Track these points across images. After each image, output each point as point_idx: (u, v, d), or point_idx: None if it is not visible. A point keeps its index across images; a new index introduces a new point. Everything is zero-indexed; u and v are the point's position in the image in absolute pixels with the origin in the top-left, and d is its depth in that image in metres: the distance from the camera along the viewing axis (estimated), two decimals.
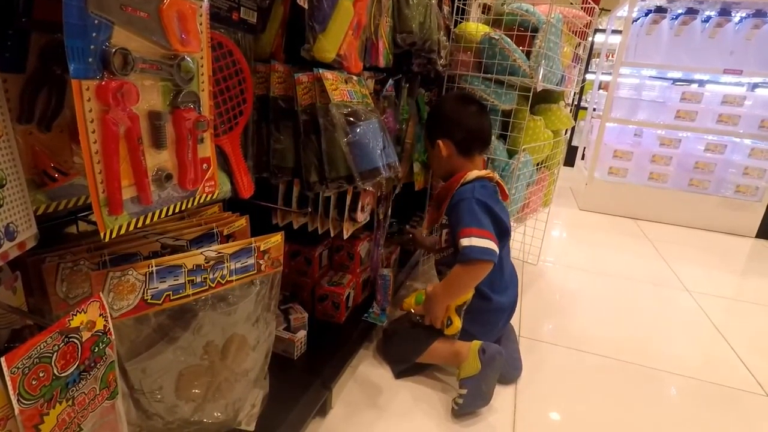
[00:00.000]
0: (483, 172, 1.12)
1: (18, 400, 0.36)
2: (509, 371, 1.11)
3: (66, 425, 0.41)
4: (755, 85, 2.82)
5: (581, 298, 1.65)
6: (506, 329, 1.21)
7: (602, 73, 3.42)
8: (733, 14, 2.59)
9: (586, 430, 1.00)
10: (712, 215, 2.69)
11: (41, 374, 0.38)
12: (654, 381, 1.19)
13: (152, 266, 0.53)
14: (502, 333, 1.18)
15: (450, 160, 1.15)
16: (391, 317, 1.24)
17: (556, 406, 1.06)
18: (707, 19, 2.63)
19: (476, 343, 1.01)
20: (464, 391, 0.97)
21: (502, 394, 1.05)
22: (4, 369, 0.34)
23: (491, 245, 0.99)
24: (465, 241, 0.99)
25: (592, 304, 1.61)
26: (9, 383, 0.35)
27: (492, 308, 1.10)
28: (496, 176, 1.14)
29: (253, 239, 0.65)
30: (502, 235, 1.07)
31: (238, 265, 0.63)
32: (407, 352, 1.09)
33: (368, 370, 1.10)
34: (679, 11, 2.66)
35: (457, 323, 1.05)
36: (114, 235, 0.42)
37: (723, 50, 2.59)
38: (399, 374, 1.09)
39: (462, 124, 1.14)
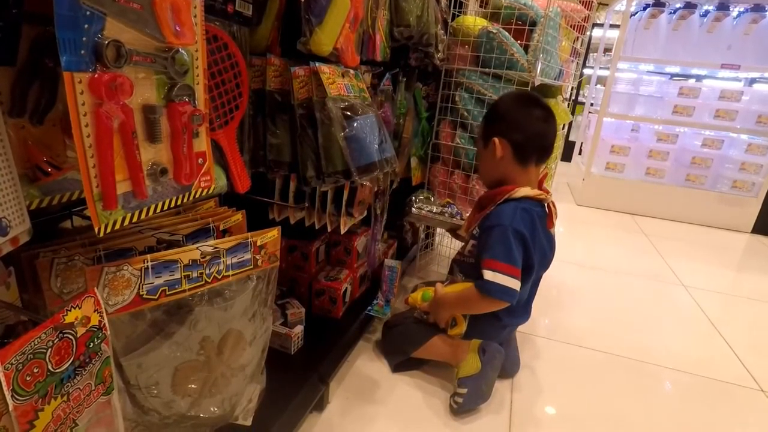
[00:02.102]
0: (533, 192, 1.00)
1: (12, 396, 0.36)
2: (509, 367, 1.11)
3: (61, 421, 0.41)
4: (753, 80, 2.83)
5: (577, 294, 1.66)
6: None
7: (600, 68, 3.41)
8: (731, 9, 2.59)
9: (582, 424, 1.00)
10: (708, 211, 2.70)
11: (35, 370, 0.37)
12: (649, 376, 1.19)
13: (148, 261, 0.53)
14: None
15: (502, 164, 1.03)
16: (394, 311, 1.25)
17: (552, 401, 1.06)
18: (705, 14, 2.63)
19: (476, 342, 1.01)
20: (464, 390, 0.97)
21: (498, 389, 1.06)
22: None
23: (514, 285, 0.93)
24: (488, 275, 0.93)
25: (588, 300, 1.62)
26: (3, 379, 0.35)
27: (501, 325, 1.07)
28: (550, 197, 1.03)
29: (249, 234, 0.64)
30: (529, 269, 0.99)
31: (235, 260, 0.63)
32: (405, 344, 1.09)
33: (365, 365, 1.11)
34: (678, 5, 2.66)
35: (462, 325, 1.05)
36: (109, 230, 0.41)
37: (721, 45, 2.59)
38: (396, 368, 1.09)
39: (524, 126, 1.01)
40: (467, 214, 1.26)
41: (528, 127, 1.01)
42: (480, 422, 0.97)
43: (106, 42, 0.37)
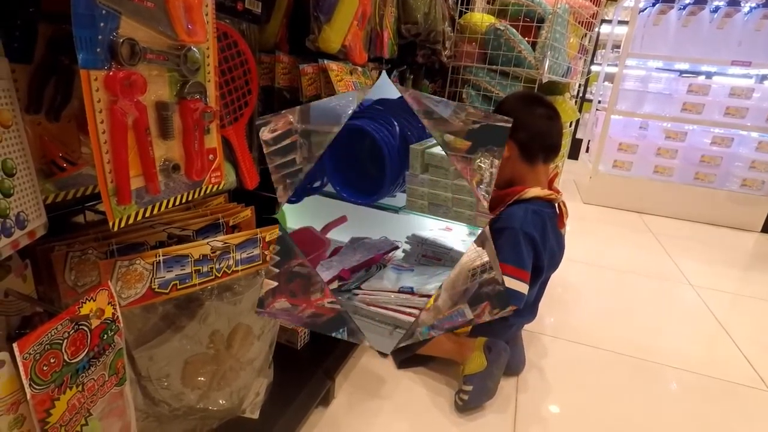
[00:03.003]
0: (543, 192, 1.00)
1: (30, 385, 0.37)
2: (514, 365, 1.11)
3: (76, 410, 0.42)
4: (763, 77, 2.79)
5: (584, 292, 1.65)
6: None
7: (608, 65, 3.38)
8: (742, 4, 2.55)
9: (587, 423, 1.00)
10: (717, 209, 2.67)
11: (52, 360, 0.38)
12: (656, 375, 1.19)
13: (159, 256, 0.54)
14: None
15: (509, 164, 1.03)
16: None
17: (558, 399, 1.06)
18: (716, 10, 2.59)
19: (482, 340, 1.01)
20: (469, 388, 0.97)
21: (503, 386, 1.06)
22: (17, 354, 0.35)
23: (522, 288, 0.94)
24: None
25: (594, 298, 1.62)
26: (21, 368, 0.36)
27: (507, 324, 1.07)
28: (560, 197, 1.03)
29: (258, 230, 0.65)
30: (538, 271, 1.00)
31: (244, 255, 0.64)
32: None
33: (371, 362, 1.11)
34: (688, 1, 2.63)
35: None
36: (123, 225, 0.42)
37: (731, 41, 2.56)
38: (401, 364, 1.10)
39: (528, 124, 1.01)
40: None
41: (532, 125, 1.01)
42: (485, 419, 0.97)
43: (121, 40, 0.38)
